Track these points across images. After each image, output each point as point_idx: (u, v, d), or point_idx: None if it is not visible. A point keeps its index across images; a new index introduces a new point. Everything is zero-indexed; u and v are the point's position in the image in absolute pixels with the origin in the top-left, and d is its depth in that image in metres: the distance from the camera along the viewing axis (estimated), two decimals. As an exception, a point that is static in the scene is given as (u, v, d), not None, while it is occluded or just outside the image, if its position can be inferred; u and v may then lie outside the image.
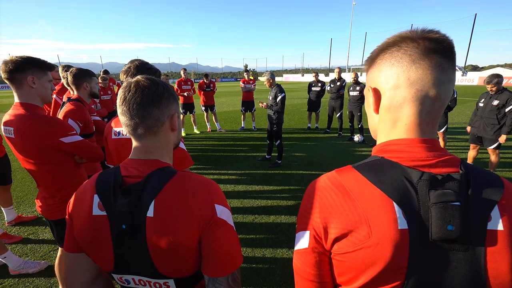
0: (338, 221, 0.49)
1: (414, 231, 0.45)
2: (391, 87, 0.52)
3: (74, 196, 0.74)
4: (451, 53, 0.49)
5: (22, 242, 2.73)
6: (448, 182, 0.46)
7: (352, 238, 0.48)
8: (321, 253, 0.52)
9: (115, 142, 1.33)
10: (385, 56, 0.53)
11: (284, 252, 2.52)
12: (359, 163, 0.55)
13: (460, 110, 10.70)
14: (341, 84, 6.60)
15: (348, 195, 0.50)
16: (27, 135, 1.37)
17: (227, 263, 0.68)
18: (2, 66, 1.36)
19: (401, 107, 0.52)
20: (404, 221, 0.45)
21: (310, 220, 0.53)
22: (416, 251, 0.45)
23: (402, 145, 0.52)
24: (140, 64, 1.33)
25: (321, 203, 0.52)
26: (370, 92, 0.57)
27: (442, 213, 0.44)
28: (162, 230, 0.64)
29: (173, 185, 0.68)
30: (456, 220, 0.43)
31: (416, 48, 0.49)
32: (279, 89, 4.32)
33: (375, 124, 0.60)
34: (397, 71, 0.51)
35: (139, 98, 0.68)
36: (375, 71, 0.55)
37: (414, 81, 0.49)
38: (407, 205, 0.46)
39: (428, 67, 0.48)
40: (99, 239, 0.67)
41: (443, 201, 0.44)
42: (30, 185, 4.10)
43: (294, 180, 4.13)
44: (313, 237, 0.52)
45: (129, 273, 0.70)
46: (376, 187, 0.49)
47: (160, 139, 0.74)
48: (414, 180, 0.47)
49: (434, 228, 0.44)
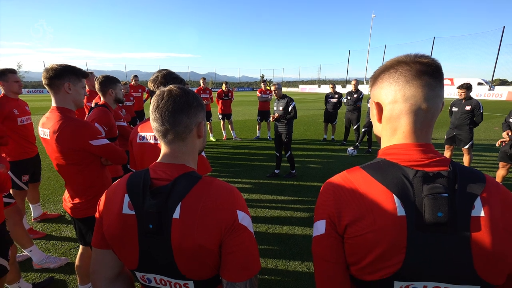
0: (349, 211, 0.60)
1: (411, 217, 0.55)
2: (390, 101, 0.64)
3: (105, 195, 0.78)
4: (439, 74, 0.61)
5: (46, 238, 2.88)
6: (438, 178, 0.56)
7: (361, 224, 0.58)
8: (335, 237, 0.63)
9: (139, 146, 1.40)
10: (385, 76, 0.64)
11: (297, 265, 2.47)
12: (365, 164, 0.67)
13: (487, 126, 10.16)
14: (358, 96, 6.53)
15: (357, 190, 0.62)
16: (60, 137, 1.47)
17: (246, 269, 0.69)
18: (44, 73, 1.49)
19: (399, 118, 0.63)
20: (402, 209, 0.56)
21: (326, 210, 0.64)
22: (413, 233, 0.55)
23: (401, 149, 0.63)
24: (166, 74, 1.43)
25: (335, 196, 0.64)
26: (374, 105, 0.68)
27: (433, 202, 0.54)
28: (186, 232, 0.67)
29: (198, 189, 0.71)
30: (444, 208, 0.53)
31: (409, 70, 0.60)
32: (289, 98, 4.37)
33: (379, 132, 0.72)
34: (394, 89, 0.62)
35: (171, 106, 0.73)
36: (377, 88, 0.67)
37: (409, 97, 0.60)
38: (405, 196, 0.56)
39: (419, 85, 0.59)
40: (126, 237, 0.71)
41: (434, 193, 0.54)
42: (56, 184, 4.33)
43: (308, 192, 4.07)
44: (328, 224, 0.63)
45: (152, 272, 0.73)
46: (379, 183, 0.60)
47: (187, 145, 0.78)
48: (410, 177, 0.58)
49: (427, 215, 0.54)
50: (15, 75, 2.67)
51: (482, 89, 28.61)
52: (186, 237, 0.66)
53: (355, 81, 6.63)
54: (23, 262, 2.47)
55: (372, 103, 0.69)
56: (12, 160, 2.68)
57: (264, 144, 7.15)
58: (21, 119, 2.70)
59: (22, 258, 2.51)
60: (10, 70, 2.63)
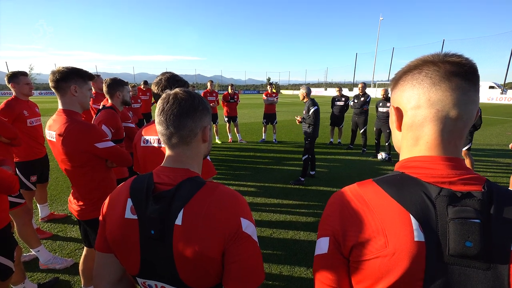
0: (356, 229, 0.52)
1: (431, 244, 0.46)
2: (412, 106, 0.55)
3: (109, 198, 0.78)
4: (474, 76, 0.51)
5: (52, 238, 2.90)
6: (467, 199, 0.46)
7: (369, 247, 0.50)
8: (339, 258, 0.55)
9: (143, 149, 1.39)
10: (407, 78, 0.56)
11: (302, 271, 2.42)
12: (379, 177, 0.58)
13: (499, 130, 9.89)
14: (365, 99, 6.44)
15: (367, 206, 0.53)
16: (66, 140, 1.48)
17: (249, 279, 0.67)
18: (50, 75, 1.51)
19: (422, 125, 0.54)
20: (421, 233, 0.47)
21: (331, 227, 0.57)
22: (433, 264, 0.45)
23: (424, 161, 0.54)
24: (170, 77, 1.40)
25: (341, 212, 0.56)
26: (393, 111, 0.61)
27: (460, 229, 0.44)
28: (188, 239, 0.65)
29: (201, 195, 0.69)
30: (475, 236, 0.43)
31: (437, 71, 0.52)
32: (312, 102, 4.34)
33: (398, 141, 0.63)
34: (418, 92, 0.54)
35: (176, 109, 0.72)
36: (398, 92, 0.59)
37: (435, 102, 0.52)
38: (425, 218, 0.47)
39: (448, 89, 0.51)
40: (128, 242, 0.69)
41: (462, 217, 0.45)
42: (63, 184, 4.40)
43: (314, 196, 4.01)
44: (332, 243, 0.55)
45: (153, 279, 0.71)
46: (394, 200, 0.51)
47: (192, 149, 0.76)
48: (433, 196, 0.48)
49: (452, 243, 0.45)
50: (27, 78, 2.73)
51: (494, 92, 27.95)
52: (188, 245, 0.65)
53: (361, 84, 6.55)
54: (29, 262, 2.50)
55: (391, 109, 0.62)
56: (21, 160, 2.72)
57: (270, 147, 7.11)
58: (30, 120, 2.75)
59: (28, 258, 2.53)
60: (21, 73, 2.69)
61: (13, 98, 2.68)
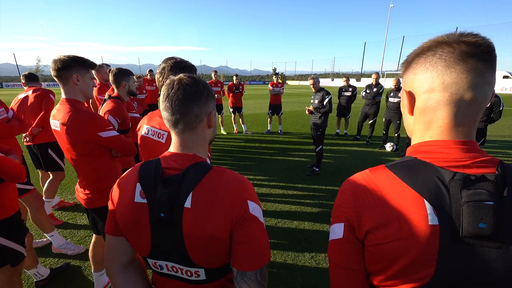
0: (370, 215, 0.53)
1: (445, 227, 0.47)
2: (425, 90, 0.54)
3: (117, 183, 0.79)
4: (490, 56, 0.49)
5: (62, 226, 2.99)
6: (481, 182, 0.47)
7: (384, 231, 0.51)
8: (354, 243, 0.56)
9: (143, 139, 1.37)
10: (420, 61, 0.54)
11: (306, 259, 2.44)
12: (392, 163, 0.58)
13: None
14: (378, 90, 6.27)
15: (381, 192, 0.53)
16: (70, 129, 1.49)
17: (256, 258, 0.70)
18: (52, 64, 1.50)
19: (435, 109, 0.53)
20: (435, 217, 0.47)
21: (345, 213, 0.57)
22: (447, 246, 0.47)
23: (436, 146, 0.53)
24: (174, 64, 1.27)
25: (355, 198, 0.56)
26: (405, 95, 0.59)
27: (473, 211, 0.45)
28: (198, 221, 0.67)
29: (209, 179, 0.70)
30: (488, 218, 0.45)
31: (451, 53, 0.50)
32: (326, 91, 4.28)
33: (410, 125, 0.62)
34: (431, 75, 0.52)
35: (181, 95, 0.72)
36: (410, 75, 0.57)
37: (449, 85, 0.50)
38: (438, 203, 0.48)
39: (463, 71, 0.49)
40: (139, 225, 0.71)
41: (475, 200, 0.45)
42: (72, 174, 4.49)
43: (319, 187, 4.01)
44: (347, 228, 0.56)
45: (163, 259, 0.74)
46: (408, 185, 0.51)
47: (198, 135, 0.77)
48: (447, 180, 0.49)
49: (465, 225, 0.46)
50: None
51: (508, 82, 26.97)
52: (198, 226, 0.67)
53: (375, 74, 6.34)
54: (42, 248, 2.59)
55: (403, 93, 0.61)
56: (53, 141, 2.94)
57: (275, 138, 7.08)
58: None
59: (41, 244, 2.63)
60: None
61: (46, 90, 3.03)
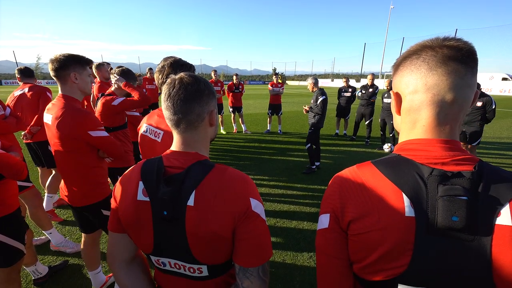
0: (353, 206, 0.57)
1: (421, 219, 0.50)
2: (410, 91, 0.58)
3: (120, 181, 0.80)
4: (471, 60, 0.53)
5: (61, 223, 2.99)
6: (457, 178, 0.50)
7: (364, 222, 0.55)
8: (339, 233, 0.60)
9: (142, 137, 1.38)
10: (406, 64, 0.58)
11: (305, 259, 2.45)
12: (378, 159, 0.62)
13: (510, 123, 9.64)
14: (374, 91, 6.30)
15: (364, 185, 0.58)
16: (61, 123, 1.50)
17: (258, 255, 0.71)
18: (49, 64, 1.51)
19: (419, 109, 0.57)
20: (412, 210, 0.51)
21: (331, 204, 0.62)
22: (422, 236, 0.50)
23: (420, 144, 0.57)
24: (174, 62, 1.28)
25: (340, 190, 0.61)
26: (393, 96, 0.64)
27: (447, 205, 0.48)
28: (201, 219, 0.68)
29: (212, 177, 0.71)
30: (461, 212, 0.48)
31: (434, 56, 0.53)
32: (320, 92, 4.32)
33: (398, 125, 0.66)
34: (415, 77, 0.56)
35: (183, 94, 0.72)
36: (398, 77, 0.61)
37: (431, 86, 0.54)
38: (416, 196, 0.51)
39: (444, 73, 0.53)
40: (141, 222, 0.72)
41: (450, 195, 0.49)
42: (72, 172, 4.48)
43: (318, 187, 4.01)
44: (333, 218, 0.61)
45: (166, 257, 0.75)
46: (389, 180, 0.55)
47: (200, 133, 0.78)
48: (425, 176, 0.52)
49: (439, 218, 0.49)
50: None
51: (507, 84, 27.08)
52: (201, 224, 0.68)
53: (371, 75, 6.39)
54: (40, 246, 2.58)
55: (391, 94, 0.65)
56: None
57: (275, 138, 7.09)
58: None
59: (39, 242, 2.63)
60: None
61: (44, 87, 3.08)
